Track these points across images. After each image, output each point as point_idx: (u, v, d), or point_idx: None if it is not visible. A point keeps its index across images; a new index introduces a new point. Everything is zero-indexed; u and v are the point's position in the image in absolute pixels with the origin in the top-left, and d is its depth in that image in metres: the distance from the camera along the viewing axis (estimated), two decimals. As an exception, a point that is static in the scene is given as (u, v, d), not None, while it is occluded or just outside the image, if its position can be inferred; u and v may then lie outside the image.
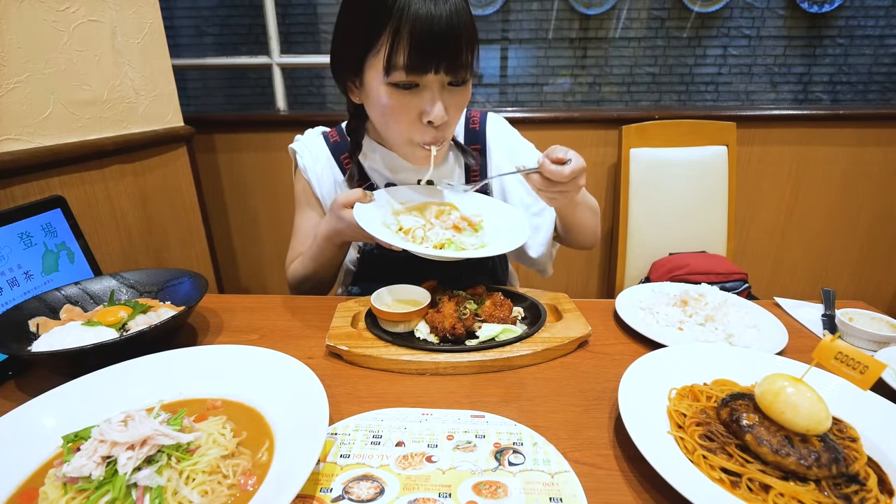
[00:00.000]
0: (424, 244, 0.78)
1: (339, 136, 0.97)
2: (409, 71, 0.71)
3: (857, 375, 0.48)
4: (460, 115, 0.83)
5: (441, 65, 0.71)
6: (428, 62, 0.70)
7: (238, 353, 0.64)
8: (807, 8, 2.97)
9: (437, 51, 0.70)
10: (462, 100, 0.79)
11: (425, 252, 0.73)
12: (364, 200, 0.81)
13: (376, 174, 0.95)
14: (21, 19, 1.05)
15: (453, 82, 0.75)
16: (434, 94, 0.74)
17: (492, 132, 0.99)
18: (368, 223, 0.75)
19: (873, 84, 3.19)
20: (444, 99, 0.75)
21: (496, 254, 0.74)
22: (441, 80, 0.74)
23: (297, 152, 0.98)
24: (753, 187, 1.95)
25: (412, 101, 0.75)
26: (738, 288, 1.52)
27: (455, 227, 0.81)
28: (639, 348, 0.75)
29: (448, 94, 0.76)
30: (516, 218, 0.84)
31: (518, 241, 0.76)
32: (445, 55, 0.71)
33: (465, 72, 0.74)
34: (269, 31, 1.88)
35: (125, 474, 0.41)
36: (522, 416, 0.58)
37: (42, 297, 0.75)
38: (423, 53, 0.69)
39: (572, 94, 3.33)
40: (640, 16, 3.13)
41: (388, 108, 0.76)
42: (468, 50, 0.72)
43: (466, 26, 0.71)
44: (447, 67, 0.72)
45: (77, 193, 1.20)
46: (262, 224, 2.10)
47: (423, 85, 0.74)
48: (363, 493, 0.46)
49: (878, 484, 0.45)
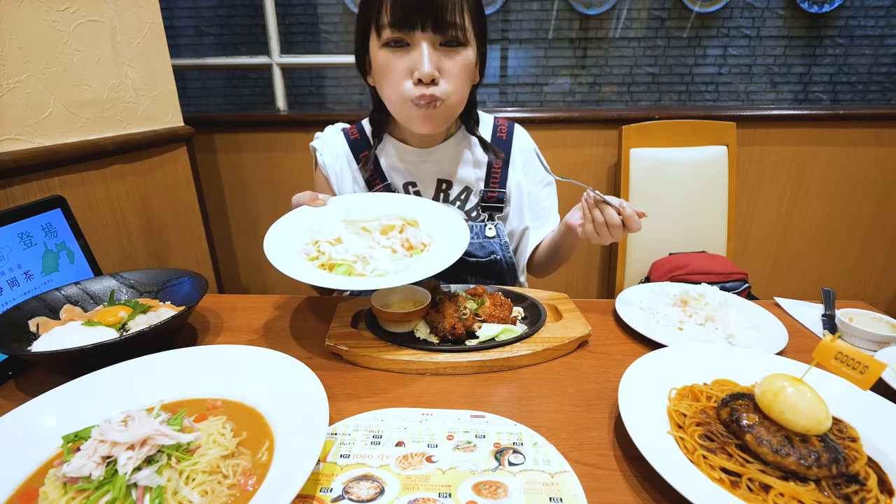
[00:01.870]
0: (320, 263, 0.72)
1: (359, 133, 0.99)
2: (394, 27, 0.74)
3: (857, 375, 0.48)
4: (459, 81, 0.80)
5: (427, 21, 0.73)
6: (413, 17, 0.73)
7: (238, 353, 0.64)
8: (807, 8, 2.97)
9: (421, 6, 0.72)
10: (459, 63, 0.78)
11: (310, 278, 0.68)
12: (314, 204, 0.81)
13: (392, 170, 0.97)
14: (21, 19, 1.05)
15: (444, 42, 0.76)
16: (421, 51, 0.75)
17: (517, 144, 1.00)
18: (273, 243, 0.73)
19: (873, 84, 3.19)
20: (435, 59, 0.76)
21: (391, 285, 0.67)
22: (431, 38, 0.75)
23: (317, 150, 0.99)
24: (753, 187, 1.95)
25: (403, 59, 0.77)
26: (738, 288, 1.52)
27: (391, 249, 0.75)
28: (639, 348, 0.75)
29: (441, 55, 0.77)
30: (456, 241, 0.76)
31: (429, 271, 0.68)
32: (431, 11, 0.72)
33: (454, 31, 0.75)
34: (269, 31, 1.88)
35: (125, 474, 0.41)
36: (522, 416, 0.58)
37: (42, 297, 0.75)
38: (406, 9, 0.72)
39: (572, 94, 3.33)
40: (640, 16, 3.13)
41: (383, 68, 0.79)
42: (458, 8, 0.73)
43: None
44: (434, 25, 0.73)
45: (77, 193, 1.20)
46: (262, 224, 2.10)
47: (412, 43, 0.76)
48: (363, 493, 0.46)
49: (878, 484, 0.45)
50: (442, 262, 0.70)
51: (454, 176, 0.97)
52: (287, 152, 1.96)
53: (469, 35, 0.77)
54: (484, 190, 0.97)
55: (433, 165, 0.95)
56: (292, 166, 1.97)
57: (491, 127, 1.00)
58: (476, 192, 0.98)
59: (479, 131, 0.95)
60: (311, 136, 1.03)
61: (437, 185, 0.97)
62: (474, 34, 0.79)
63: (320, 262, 0.72)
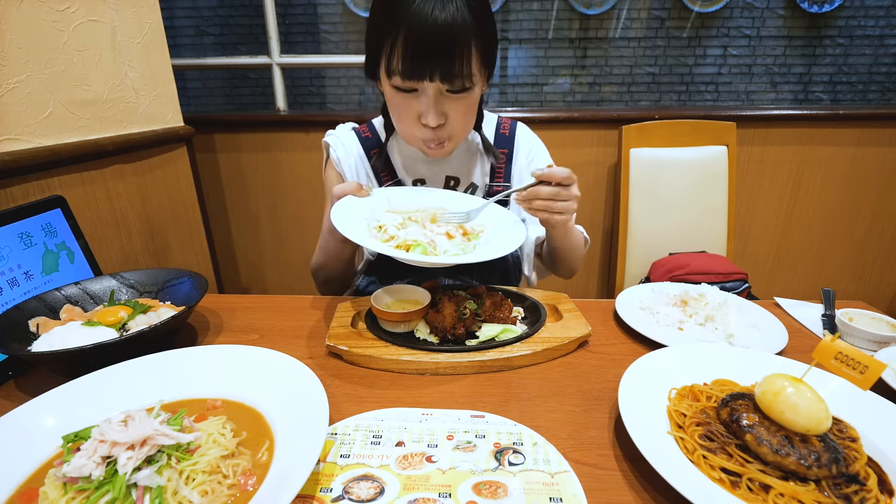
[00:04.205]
0: (395, 244, 0.75)
1: (370, 131, 1.00)
2: (404, 77, 0.74)
3: (857, 375, 0.48)
4: (466, 118, 0.84)
5: (435, 73, 0.73)
6: (421, 70, 0.73)
7: (238, 353, 0.64)
8: (807, 8, 2.97)
9: (429, 60, 0.72)
10: (464, 105, 0.80)
11: (391, 252, 0.71)
12: (359, 194, 0.81)
13: (403, 168, 0.98)
14: (21, 19, 1.04)
15: (452, 90, 0.77)
16: (429, 100, 0.76)
17: (520, 140, 1.01)
18: (341, 218, 0.73)
19: (873, 84, 3.19)
20: (442, 104, 0.78)
21: (469, 261, 0.71)
22: (438, 87, 0.76)
23: (330, 145, 0.99)
24: (753, 187, 1.95)
25: (412, 103, 0.79)
26: (738, 288, 1.52)
27: (447, 234, 0.79)
28: (639, 348, 0.75)
29: (447, 100, 0.78)
30: (514, 231, 0.81)
31: (498, 252, 0.72)
32: (438, 64, 0.72)
33: (461, 80, 0.75)
34: (269, 31, 1.88)
35: (125, 474, 0.41)
36: (522, 416, 0.58)
37: (42, 297, 0.75)
38: (416, 61, 0.72)
39: (572, 94, 3.33)
40: (640, 16, 3.13)
41: (393, 106, 0.82)
42: (464, 60, 0.73)
43: (464, 35, 0.71)
44: (442, 76, 0.74)
45: (77, 193, 1.20)
46: (262, 224, 2.10)
47: (420, 90, 0.77)
48: (363, 493, 0.46)
49: (878, 484, 0.45)
50: (508, 245, 0.74)
51: (462, 173, 0.98)
52: (287, 152, 1.96)
53: (476, 78, 0.78)
54: (489, 185, 0.99)
55: (442, 164, 0.97)
56: (292, 166, 1.97)
57: (494, 125, 1.01)
58: (482, 187, 0.99)
59: (483, 129, 0.97)
60: (311, 136, 1.03)
61: (445, 183, 0.99)
62: (484, 70, 0.80)
63: (396, 244, 0.75)
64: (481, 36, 0.74)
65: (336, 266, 0.97)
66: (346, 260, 0.97)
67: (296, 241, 2.11)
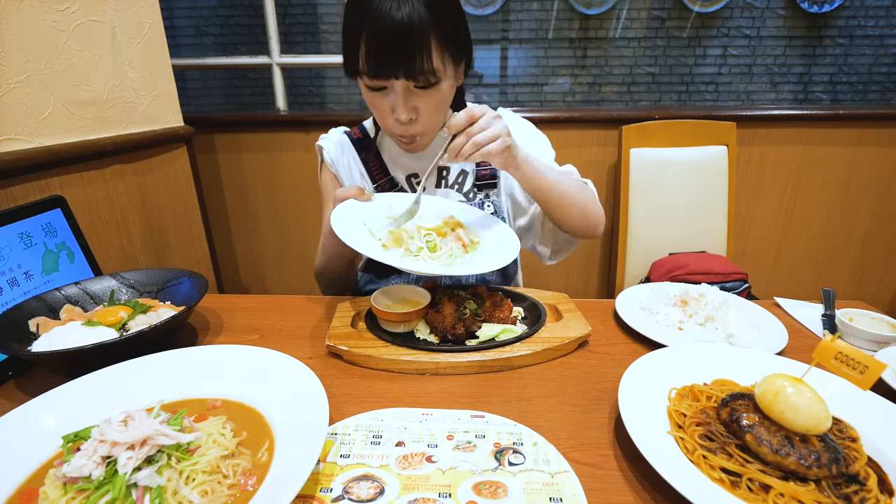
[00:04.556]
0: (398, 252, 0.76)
1: (361, 133, 1.02)
2: (371, 76, 0.76)
3: (857, 375, 0.48)
4: (437, 114, 0.86)
5: (399, 71, 0.75)
6: (385, 68, 0.75)
7: (238, 353, 0.64)
8: (807, 8, 2.97)
9: (391, 58, 0.74)
10: (434, 100, 0.82)
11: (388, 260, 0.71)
12: (361, 198, 0.82)
13: (395, 165, 0.99)
14: (21, 19, 1.04)
15: (418, 86, 0.78)
16: (398, 97, 0.79)
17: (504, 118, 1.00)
18: (341, 222, 0.74)
19: (873, 84, 3.19)
20: (411, 100, 0.80)
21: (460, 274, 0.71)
22: (404, 84, 0.77)
23: (323, 148, 1.01)
24: (753, 187, 1.95)
25: (383, 100, 0.81)
26: (738, 288, 1.52)
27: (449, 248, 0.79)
28: (639, 348, 0.75)
29: (415, 96, 0.80)
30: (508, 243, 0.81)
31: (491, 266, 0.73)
32: (400, 62, 0.74)
33: (426, 77, 0.76)
34: (269, 31, 1.88)
35: (125, 474, 0.41)
36: (522, 416, 0.58)
37: (42, 297, 0.75)
38: (379, 61, 0.74)
39: (572, 94, 3.33)
40: (640, 16, 3.13)
41: (369, 103, 0.85)
42: (430, 55, 0.74)
43: (422, 32, 0.72)
44: (405, 73, 0.75)
45: (77, 193, 1.20)
46: (262, 224, 2.10)
47: (389, 88, 0.79)
48: (363, 493, 0.46)
49: (878, 484, 0.45)
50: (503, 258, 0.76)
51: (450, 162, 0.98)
52: (287, 152, 1.96)
53: (441, 73, 0.78)
54: (477, 169, 1.00)
55: (432, 157, 0.98)
56: (292, 166, 1.97)
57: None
58: (471, 172, 1.00)
59: None
60: (311, 136, 1.04)
61: (437, 173, 1.00)
62: (451, 63, 0.80)
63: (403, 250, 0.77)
64: (440, 30, 0.74)
65: (339, 266, 0.97)
66: (349, 260, 0.97)
67: (296, 240, 2.11)
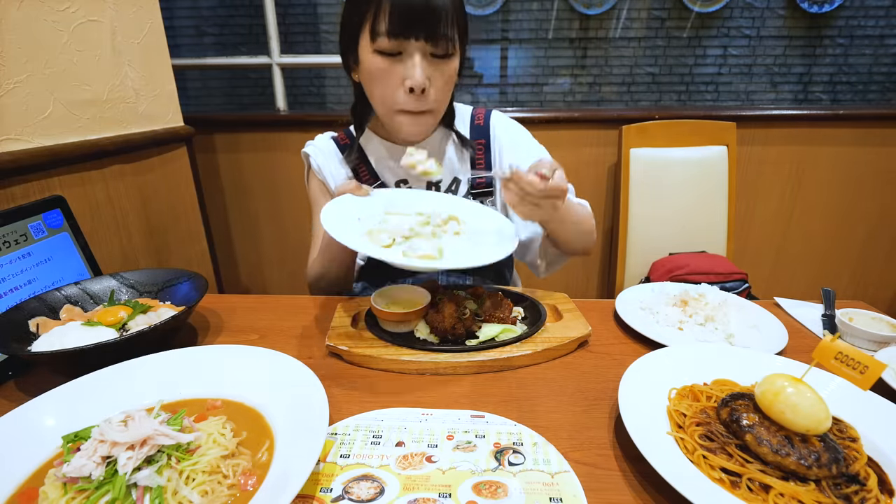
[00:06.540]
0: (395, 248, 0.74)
1: (348, 137, 1.01)
2: (391, 36, 0.76)
3: (857, 375, 0.48)
4: (447, 90, 0.85)
5: (421, 32, 0.75)
6: (409, 28, 0.75)
7: (238, 353, 0.64)
8: (807, 8, 2.97)
9: (417, 18, 0.75)
10: (446, 73, 0.82)
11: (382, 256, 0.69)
12: (358, 193, 0.81)
13: (384, 169, 0.98)
14: (21, 19, 1.04)
15: (436, 54, 0.79)
16: (415, 60, 0.78)
17: (496, 128, 1.01)
18: (333, 217, 0.71)
19: (873, 84, 3.19)
20: (426, 69, 0.79)
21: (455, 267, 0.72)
22: (423, 48, 0.78)
23: (309, 155, 0.99)
24: (753, 187, 1.95)
25: (396, 67, 0.79)
26: (738, 288, 1.52)
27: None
28: (639, 348, 0.75)
29: (431, 66, 0.80)
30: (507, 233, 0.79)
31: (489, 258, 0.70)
32: (426, 23, 0.75)
33: (446, 43, 0.77)
34: (269, 31, 1.88)
35: (125, 474, 0.41)
36: (522, 416, 0.58)
37: (42, 297, 0.75)
38: (403, 19, 0.74)
39: (572, 94, 3.33)
40: (640, 16, 3.13)
41: (374, 73, 0.81)
42: (450, 22, 0.76)
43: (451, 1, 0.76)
44: (427, 35, 0.76)
45: (77, 193, 1.20)
46: (262, 224, 2.10)
47: (405, 53, 0.78)
48: (363, 493, 0.46)
49: (878, 484, 0.45)
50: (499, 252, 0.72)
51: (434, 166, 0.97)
52: (287, 152, 1.96)
53: (456, 46, 0.81)
54: (471, 178, 0.99)
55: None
56: (292, 166, 1.97)
57: (468, 117, 1.02)
58: (465, 180, 0.99)
59: (456, 124, 0.98)
60: (311, 136, 1.03)
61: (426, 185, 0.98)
62: (460, 44, 0.82)
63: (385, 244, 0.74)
64: (455, 5, 0.78)
65: (339, 272, 0.95)
66: (349, 262, 0.95)
67: (296, 240, 2.11)
